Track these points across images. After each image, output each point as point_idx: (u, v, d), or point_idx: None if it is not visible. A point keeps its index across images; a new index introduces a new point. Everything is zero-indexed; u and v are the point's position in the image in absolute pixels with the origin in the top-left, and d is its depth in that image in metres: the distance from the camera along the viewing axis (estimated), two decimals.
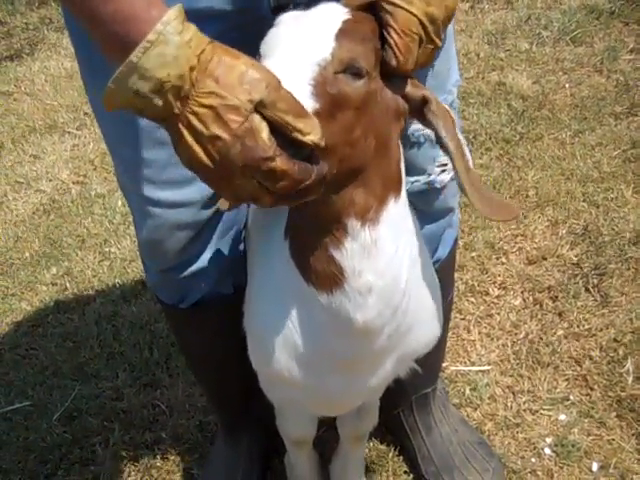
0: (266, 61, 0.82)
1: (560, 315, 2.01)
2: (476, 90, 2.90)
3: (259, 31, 0.90)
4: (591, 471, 1.66)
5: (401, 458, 1.75)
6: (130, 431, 1.90)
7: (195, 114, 0.76)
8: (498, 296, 2.10)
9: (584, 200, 2.32)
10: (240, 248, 1.38)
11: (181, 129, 0.77)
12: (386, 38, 0.86)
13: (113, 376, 2.06)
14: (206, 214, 1.24)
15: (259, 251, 1.19)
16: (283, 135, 0.78)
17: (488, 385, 1.86)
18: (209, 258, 1.32)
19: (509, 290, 2.11)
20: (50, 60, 3.89)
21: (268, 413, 1.46)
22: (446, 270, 1.46)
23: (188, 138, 0.77)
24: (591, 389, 1.82)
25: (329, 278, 0.95)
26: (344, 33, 0.84)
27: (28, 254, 2.58)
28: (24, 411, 2.01)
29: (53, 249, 2.58)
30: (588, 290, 2.05)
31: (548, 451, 1.71)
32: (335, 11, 0.87)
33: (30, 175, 3.01)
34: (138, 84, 0.74)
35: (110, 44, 0.77)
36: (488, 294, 2.11)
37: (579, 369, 1.87)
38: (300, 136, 0.78)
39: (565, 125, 2.65)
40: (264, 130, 0.76)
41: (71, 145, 3.16)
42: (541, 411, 1.80)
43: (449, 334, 1.85)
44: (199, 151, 0.78)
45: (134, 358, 2.09)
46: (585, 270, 2.11)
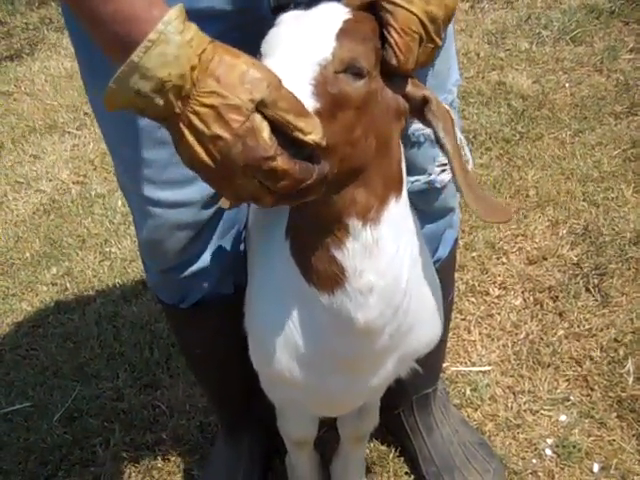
0: (267, 60, 0.82)
1: (560, 315, 2.00)
2: (476, 90, 2.89)
3: (259, 31, 0.90)
4: (592, 472, 1.66)
5: (402, 459, 1.75)
6: (131, 432, 1.90)
7: (196, 113, 0.76)
8: (498, 296, 2.10)
9: (584, 200, 2.32)
10: (240, 248, 1.38)
11: (182, 129, 0.77)
12: (386, 37, 0.86)
13: (113, 376, 2.06)
14: (206, 214, 1.24)
15: (260, 251, 1.19)
16: (284, 135, 0.78)
17: (489, 385, 1.86)
18: (209, 258, 1.31)
19: (509, 290, 2.11)
20: (50, 60, 3.89)
21: (269, 413, 1.46)
22: (446, 270, 1.46)
23: (189, 138, 0.78)
24: (592, 389, 1.82)
25: (330, 278, 0.95)
26: (345, 33, 0.84)
27: (28, 254, 2.58)
28: (24, 412, 2.01)
29: (53, 249, 2.58)
30: (588, 290, 2.05)
31: (549, 452, 1.71)
32: (336, 11, 0.87)
33: (30, 175, 3.01)
34: (139, 84, 0.74)
35: (111, 44, 0.77)
36: (488, 294, 2.11)
37: (580, 369, 1.87)
38: (301, 135, 0.78)
39: (565, 125, 2.64)
40: (265, 130, 0.76)
41: (71, 145, 3.16)
42: (542, 412, 1.79)
43: (449, 334, 1.85)
44: (200, 151, 0.78)
45: (134, 358, 2.09)
46: (585, 270, 2.10)
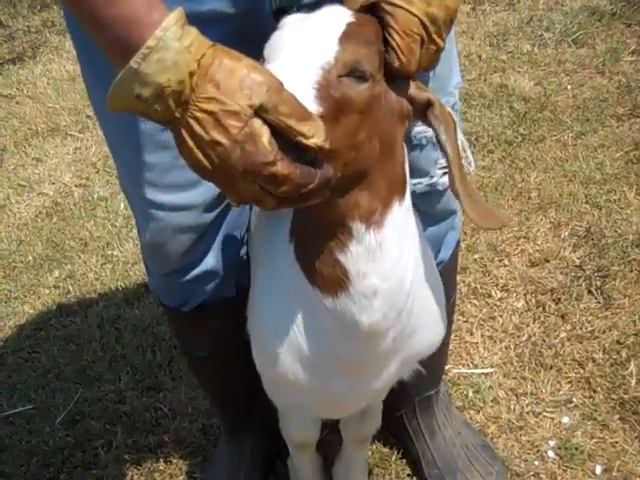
0: (270, 65, 0.82)
1: (563, 317, 2.00)
2: (478, 92, 2.90)
3: (261, 34, 0.90)
4: (594, 474, 1.66)
5: (404, 461, 1.75)
6: (133, 434, 1.90)
7: (195, 119, 0.76)
8: (501, 298, 2.10)
9: (587, 202, 2.32)
10: (243, 251, 1.38)
11: (183, 133, 0.78)
12: (388, 39, 0.86)
13: (116, 379, 2.06)
14: (209, 217, 1.24)
15: (263, 253, 1.19)
16: (287, 139, 0.78)
17: (491, 388, 1.86)
18: (212, 261, 1.32)
19: (512, 292, 2.11)
20: (52, 63, 3.90)
21: (271, 416, 1.46)
22: (448, 272, 1.46)
23: (189, 142, 0.78)
24: (594, 391, 1.81)
25: (334, 281, 0.95)
26: (348, 36, 0.84)
27: (31, 257, 2.58)
28: (27, 414, 2.01)
29: (56, 252, 2.58)
30: (591, 292, 2.05)
31: (551, 454, 1.71)
32: (339, 14, 0.87)
33: (33, 178, 3.01)
34: (139, 89, 0.74)
35: (112, 48, 0.77)
36: (491, 296, 2.11)
37: (582, 371, 1.86)
38: (303, 139, 0.78)
39: (567, 127, 2.64)
40: (265, 135, 0.76)
41: (73, 148, 3.16)
42: (544, 414, 1.79)
43: (452, 337, 1.85)
44: (200, 155, 0.78)
45: (137, 361, 2.09)
46: (588, 272, 2.10)
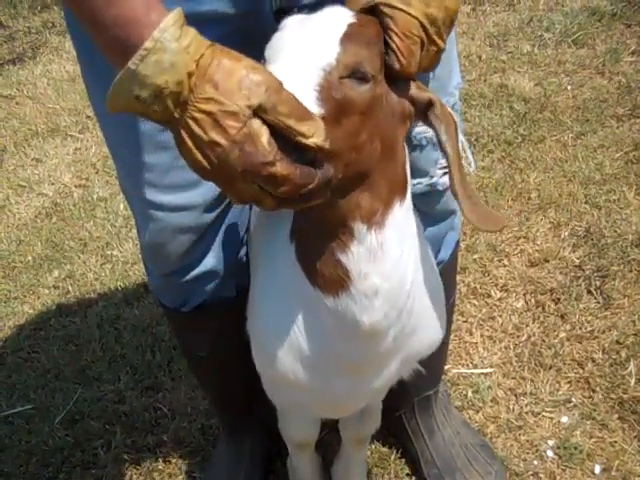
0: (271, 66, 0.82)
1: (562, 317, 2.00)
2: (478, 92, 2.90)
3: (261, 34, 0.90)
4: (594, 473, 1.66)
5: (403, 461, 1.75)
6: (132, 434, 1.90)
7: (194, 119, 0.76)
8: (500, 298, 2.10)
9: (586, 202, 2.32)
10: (243, 251, 1.38)
11: (182, 133, 0.78)
12: (388, 42, 0.85)
13: (115, 379, 2.06)
14: (208, 217, 1.24)
15: (263, 254, 1.19)
16: (286, 139, 0.78)
17: (490, 387, 1.86)
18: (212, 261, 1.32)
19: (511, 292, 2.11)
20: (52, 64, 3.90)
21: (270, 416, 1.46)
22: (448, 272, 1.46)
23: (188, 142, 0.78)
24: (593, 391, 1.82)
25: (335, 281, 0.95)
26: (349, 37, 0.83)
27: (30, 257, 2.58)
28: (26, 414, 2.01)
29: (55, 252, 2.58)
30: (590, 292, 2.05)
31: (550, 453, 1.71)
32: (340, 15, 0.87)
33: (32, 179, 3.01)
34: (138, 90, 0.74)
35: (112, 48, 0.77)
36: (490, 296, 2.11)
37: (581, 371, 1.87)
38: (303, 139, 0.77)
39: (567, 127, 2.65)
40: (264, 135, 0.76)
41: (73, 149, 3.16)
42: (543, 413, 1.79)
43: (451, 337, 1.85)
44: (199, 156, 0.78)
45: (136, 361, 2.09)
46: (587, 272, 2.10)
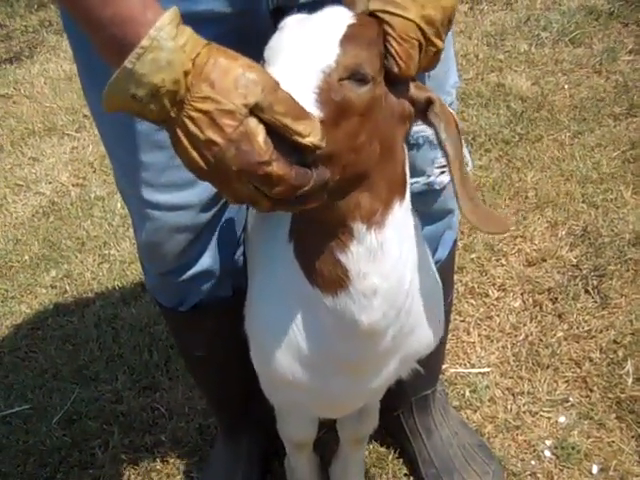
0: (270, 68, 0.82)
1: (560, 317, 2.00)
2: (475, 91, 2.90)
3: (258, 33, 0.90)
4: (591, 473, 1.66)
5: (401, 460, 1.75)
6: (129, 434, 1.90)
7: (191, 118, 0.76)
8: (498, 298, 2.10)
9: (583, 201, 2.32)
10: (240, 251, 1.38)
11: (178, 133, 0.78)
12: (386, 46, 0.85)
13: (113, 379, 2.05)
14: (205, 217, 1.24)
15: (261, 253, 1.18)
16: (285, 140, 0.77)
17: (488, 387, 1.86)
18: (208, 261, 1.31)
19: (509, 292, 2.11)
20: (49, 63, 3.89)
21: (268, 415, 1.46)
22: (445, 272, 1.46)
23: (185, 142, 0.78)
24: (591, 391, 1.82)
25: (334, 280, 0.95)
26: (349, 38, 0.83)
27: (27, 257, 2.58)
28: (23, 414, 2.01)
29: (52, 252, 2.57)
30: (588, 292, 2.05)
31: (548, 453, 1.71)
32: (340, 15, 0.86)
33: (29, 178, 3.01)
34: (134, 89, 0.74)
35: (108, 47, 0.77)
36: (488, 296, 2.11)
37: (579, 371, 1.87)
38: (299, 138, 0.77)
39: (564, 126, 2.65)
40: (260, 134, 0.76)
41: (70, 147, 3.16)
42: (541, 413, 1.79)
43: (449, 336, 1.85)
44: (195, 155, 0.78)
45: (134, 361, 2.09)
46: (584, 271, 2.10)
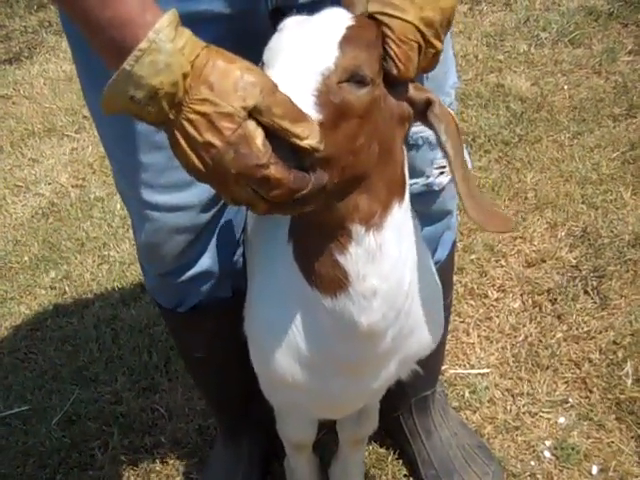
0: (269, 70, 0.81)
1: (559, 318, 2.00)
2: (475, 92, 2.89)
3: (257, 34, 0.90)
4: (591, 474, 1.66)
5: (400, 462, 1.75)
6: (129, 435, 1.90)
7: (189, 121, 0.76)
8: (497, 299, 2.10)
9: (583, 202, 2.32)
10: (239, 251, 1.38)
11: (176, 135, 0.78)
12: (385, 48, 0.85)
13: (112, 380, 2.05)
14: (205, 218, 1.24)
15: (261, 254, 1.18)
16: (283, 143, 0.77)
17: (487, 388, 1.86)
18: (208, 262, 1.32)
19: (508, 293, 2.11)
20: (49, 63, 3.89)
21: (268, 416, 1.46)
22: (445, 272, 1.46)
23: (183, 144, 0.78)
24: (590, 392, 1.82)
25: (333, 282, 0.95)
26: (348, 40, 0.83)
27: (27, 258, 2.58)
28: (23, 415, 2.01)
29: (52, 253, 2.57)
30: (587, 292, 2.05)
31: (547, 454, 1.71)
32: (339, 17, 0.86)
33: (29, 179, 3.01)
34: (132, 91, 0.74)
35: (107, 50, 0.77)
36: (487, 297, 2.11)
37: (578, 372, 1.87)
38: (298, 141, 0.77)
39: (564, 127, 2.65)
40: (259, 137, 0.76)
41: (70, 148, 3.16)
42: (540, 414, 1.79)
43: (448, 337, 1.85)
44: (193, 157, 0.78)
45: (133, 362, 2.09)
46: (584, 272, 2.10)
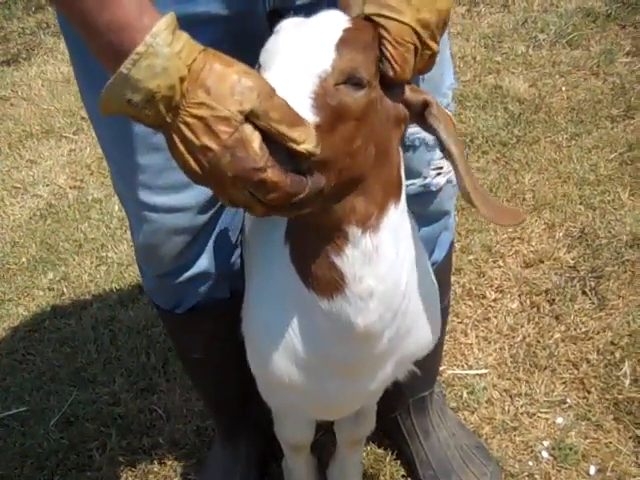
0: (266, 73, 0.81)
1: (557, 318, 2.01)
2: (473, 93, 2.90)
3: (255, 35, 0.90)
4: (589, 474, 1.66)
5: (398, 462, 1.75)
6: (127, 436, 1.90)
7: (186, 124, 0.76)
8: (495, 299, 2.10)
9: (581, 203, 2.33)
10: (237, 253, 1.38)
11: (174, 138, 0.78)
12: (382, 50, 0.85)
13: (110, 381, 2.05)
14: (202, 219, 1.24)
15: (258, 255, 1.18)
16: (280, 147, 0.77)
17: (485, 389, 1.86)
18: (205, 263, 1.32)
19: (506, 293, 2.11)
20: (47, 65, 3.89)
21: (265, 417, 1.46)
22: (442, 273, 1.46)
23: (180, 147, 0.78)
24: (588, 392, 1.82)
25: (330, 284, 0.95)
26: (345, 42, 0.83)
27: (25, 259, 2.58)
28: (21, 417, 2.01)
29: (50, 254, 2.57)
30: (585, 293, 2.05)
31: (545, 454, 1.71)
32: (335, 19, 0.86)
33: (27, 180, 3.01)
34: (130, 94, 0.74)
35: (105, 53, 0.77)
36: (485, 297, 2.11)
37: (576, 372, 1.87)
38: (294, 145, 0.77)
39: (562, 128, 2.65)
40: (255, 140, 0.76)
41: (68, 150, 3.16)
42: (538, 414, 1.79)
43: (446, 338, 1.85)
44: (190, 160, 0.78)
45: (131, 363, 2.09)
46: (582, 273, 2.11)
